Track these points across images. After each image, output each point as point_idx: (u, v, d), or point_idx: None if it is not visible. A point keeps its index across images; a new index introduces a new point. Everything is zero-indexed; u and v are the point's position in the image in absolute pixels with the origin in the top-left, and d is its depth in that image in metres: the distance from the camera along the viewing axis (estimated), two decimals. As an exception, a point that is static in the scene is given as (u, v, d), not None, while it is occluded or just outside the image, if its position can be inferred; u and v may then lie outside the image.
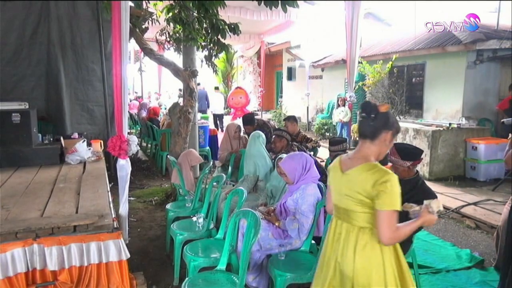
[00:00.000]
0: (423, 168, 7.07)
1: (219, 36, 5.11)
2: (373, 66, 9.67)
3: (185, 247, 3.10)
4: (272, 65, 18.58)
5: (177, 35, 5.71)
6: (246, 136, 5.64)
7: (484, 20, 9.13)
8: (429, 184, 3.25)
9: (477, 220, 4.92)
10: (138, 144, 3.64)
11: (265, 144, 4.57)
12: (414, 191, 2.93)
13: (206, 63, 5.89)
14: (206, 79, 16.34)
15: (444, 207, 5.40)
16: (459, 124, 7.27)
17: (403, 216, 1.95)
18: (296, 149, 4.53)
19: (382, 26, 14.50)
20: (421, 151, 3.08)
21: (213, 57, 5.81)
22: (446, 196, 5.87)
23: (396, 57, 9.33)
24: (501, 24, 8.27)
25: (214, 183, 3.94)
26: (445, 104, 8.58)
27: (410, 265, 3.23)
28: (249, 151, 4.43)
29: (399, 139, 7.78)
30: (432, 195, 2.92)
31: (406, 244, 3.02)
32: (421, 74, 9.38)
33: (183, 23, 4.95)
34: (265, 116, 14.91)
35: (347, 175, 1.95)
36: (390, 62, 9.44)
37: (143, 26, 6.37)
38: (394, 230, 1.80)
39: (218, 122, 13.22)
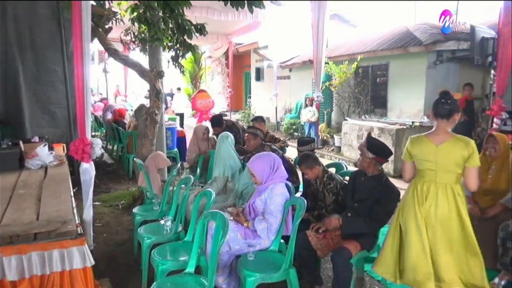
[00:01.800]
0: (388, 166, 7.28)
1: (186, 37, 5.05)
2: (339, 66, 9.88)
3: (153, 251, 3.05)
4: (241, 66, 18.59)
5: (143, 35, 5.60)
6: (215, 137, 5.62)
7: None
8: (393, 180, 3.36)
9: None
10: (103, 147, 3.55)
11: (234, 144, 4.57)
12: (378, 188, 3.03)
13: (173, 63, 5.81)
14: (174, 80, 16.20)
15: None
16: (421, 122, 7.55)
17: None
18: (268, 149, 4.54)
19: (347, 27, 14.84)
20: (390, 152, 3.15)
21: (180, 58, 5.74)
22: (410, 193, 6.06)
23: (361, 57, 9.58)
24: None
25: (182, 185, 3.90)
26: (408, 103, 8.87)
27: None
28: (218, 152, 4.42)
29: (364, 138, 7.98)
30: (394, 192, 3.03)
31: (371, 240, 3.11)
32: (385, 74, 9.66)
33: (148, 23, 4.87)
34: (234, 117, 14.93)
35: (442, 148, 2.57)
36: (356, 63, 9.67)
37: (107, 26, 6.21)
38: (478, 181, 2.54)
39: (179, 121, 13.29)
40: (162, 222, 3.53)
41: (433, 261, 2.59)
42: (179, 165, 5.33)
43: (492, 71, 6.06)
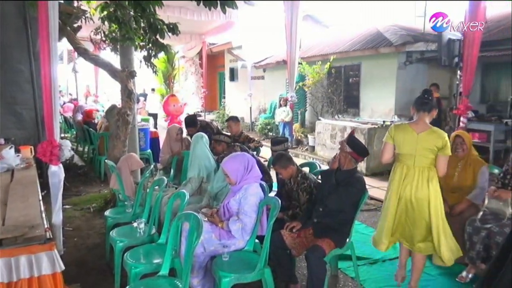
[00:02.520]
0: (360, 164, 7.40)
1: (158, 36, 4.99)
2: (312, 67, 10.00)
3: (125, 254, 3.00)
4: (214, 66, 18.52)
5: (113, 34, 5.49)
6: (189, 138, 5.58)
7: (412, 24, 9.82)
8: (366, 179, 3.44)
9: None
10: (73, 148, 3.46)
11: (208, 145, 4.55)
12: (348, 179, 3.11)
13: (145, 63, 5.73)
14: (147, 80, 16.00)
15: (379, 200, 5.72)
16: (392, 121, 7.73)
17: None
18: (239, 149, 4.55)
19: (320, 28, 15.02)
20: (366, 152, 3.25)
21: (152, 58, 5.67)
22: (381, 190, 6.20)
23: (334, 58, 9.73)
24: (427, 27, 8.89)
25: (156, 187, 3.85)
26: (379, 103, 9.08)
27: (349, 257, 3.40)
28: (193, 153, 4.39)
29: (337, 137, 8.11)
30: (362, 185, 3.13)
31: (342, 237, 3.17)
32: (357, 74, 9.85)
33: (119, 22, 4.78)
34: (208, 117, 14.86)
35: (421, 136, 3.00)
36: (328, 63, 9.82)
37: (75, 25, 6.05)
38: (445, 168, 3.01)
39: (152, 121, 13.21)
40: (135, 224, 3.47)
41: (408, 230, 3.13)
42: (152, 166, 5.26)
43: (459, 72, 6.27)
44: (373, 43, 9.09)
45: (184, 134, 5.97)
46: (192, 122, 5.81)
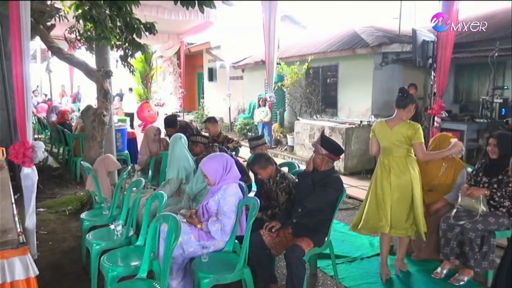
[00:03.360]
0: (338, 164, 7.51)
1: (135, 36, 4.93)
2: (290, 67, 10.06)
3: (102, 257, 2.94)
4: (193, 66, 18.41)
5: (88, 33, 5.38)
6: (167, 139, 5.53)
7: (387, 25, 10.01)
8: (344, 178, 3.49)
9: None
10: (47, 150, 3.38)
11: (187, 145, 4.53)
12: (325, 180, 3.15)
13: (122, 63, 5.65)
14: (124, 80, 15.77)
15: (357, 199, 5.81)
16: (369, 121, 7.86)
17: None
18: (218, 149, 4.54)
19: (298, 29, 15.12)
20: (341, 150, 3.32)
21: (129, 57, 5.59)
22: (359, 189, 6.31)
23: (312, 58, 9.82)
24: (402, 29, 9.10)
25: (133, 188, 3.80)
26: (357, 103, 9.21)
27: (328, 256, 3.44)
28: (172, 154, 4.35)
29: (316, 137, 8.18)
30: (339, 185, 3.19)
31: (321, 236, 3.20)
32: (334, 75, 9.96)
33: (94, 20, 4.69)
34: (187, 118, 14.76)
35: (394, 130, 3.35)
36: (306, 64, 9.90)
37: (49, 23, 5.90)
38: (425, 152, 3.33)
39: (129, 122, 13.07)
40: (112, 227, 3.42)
41: (391, 214, 3.40)
42: (130, 167, 5.19)
43: (433, 73, 6.41)
44: (350, 44, 9.23)
45: (163, 135, 5.91)
46: (171, 122, 5.75)
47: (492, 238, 3.34)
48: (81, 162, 4.98)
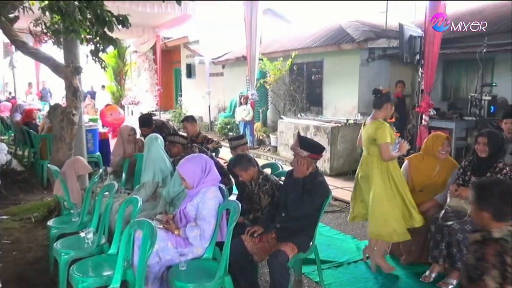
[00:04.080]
0: (324, 165, 7.57)
1: (106, 29, 4.85)
2: (273, 63, 10.09)
3: (71, 268, 2.89)
4: (170, 62, 18.29)
5: (56, 26, 5.27)
6: (143, 139, 5.47)
7: (374, 20, 10.14)
8: (330, 179, 3.52)
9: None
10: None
11: (164, 146, 4.49)
12: (311, 184, 3.16)
13: (92, 58, 5.55)
14: (95, 76, 15.56)
15: (344, 201, 5.86)
16: (356, 120, 7.94)
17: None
18: (197, 150, 4.51)
19: (281, 23, 15.18)
20: (323, 148, 3.34)
21: (100, 52, 5.50)
22: (345, 190, 6.36)
23: (296, 54, 9.86)
24: (389, 24, 9.23)
25: (105, 193, 3.75)
26: (343, 100, 9.30)
27: (313, 261, 3.47)
28: (147, 156, 4.30)
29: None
30: (325, 189, 3.21)
31: (306, 241, 3.22)
32: (319, 71, 10.04)
33: (61, 12, 4.59)
34: (164, 116, 14.63)
35: (365, 129, 3.67)
36: (290, 59, 9.94)
37: (12, 15, 5.76)
38: (387, 153, 3.48)
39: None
40: (82, 234, 3.37)
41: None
42: (102, 170, 5.11)
43: (420, 69, 6.54)
44: (335, 39, 9.31)
45: (138, 135, 5.85)
46: (146, 121, 5.69)
47: (481, 240, 3.41)
48: (48, 165, 4.89)
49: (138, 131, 5.95)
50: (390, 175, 3.59)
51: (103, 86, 15.40)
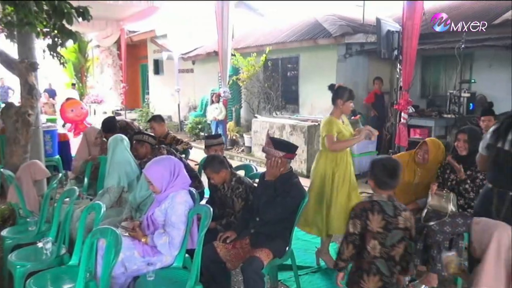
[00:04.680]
0: (301, 166, 7.64)
1: (65, 22, 4.75)
2: (247, 59, 10.09)
3: (28, 281, 2.82)
4: (136, 57, 18.08)
5: (8, 18, 5.13)
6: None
7: (351, 14, 10.30)
8: (307, 181, 3.55)
9: (353, 214, 5.52)
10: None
11: (129, 147, 4.43)
12: (286, 186, 3.18)
13: (50, 53, 5.43)
14: (54, 72, 15.23)
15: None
16: (333, 118, 8.02)
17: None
18: (165, 152, 4.47)
19: (255, 16, 15.20)
20: (296, 146, 3.40)
21: (59, 47, 5.38)
22: (324, 193, 6.43)
23: (270, 49, 9.90)
24: (366, 18, 9.40)
25: (65, 199, 3.67)
26: (320, 98, 9.37)
27: (289, 267, 3.49)
28: (112, 158, 4.23)
29: (276, 136, 8.27)
30: (299, 193, 3.23)
31: (281, 246, 3.23)
32: (295, 67, 10.12)
33: (15, 3, 4.47)
34: (130, 116, 14.45)
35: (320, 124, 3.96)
36: (264, 55, 9.97)
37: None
38: (332, 143, 3.78)
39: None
40: (40, 245, 3.29)
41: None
42: (61, 175, 5.01)
43: (398, 65, 6.67)
44: (312, 34, 9.40)
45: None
46: (111, 127, 5.54)
47: (460, 241, 3.51)
48: (1, 169, 4.75)
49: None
50: (335, 170, 3.84)
51: (73, 84, 15.08)
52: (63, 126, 11.62)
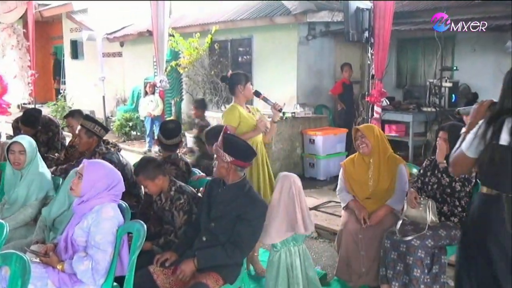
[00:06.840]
0: (257, 170, 7.66)
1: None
2: (188, 40, 10.04)
3: None
4: (48, 37, 17.67)
5: None
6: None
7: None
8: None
9: (319, 228, 5.62)
10: None
11: (49, 148, 4.33)
12: (240, 199, 3.20)
13: None
14: None
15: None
16: (294, 113, 8.13)
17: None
18: (100, 157, 4.39)
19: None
20: (253, 154, 3.36)
21: None
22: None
23: (217, 29, 9.90)
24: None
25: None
26: (278, 88, 9.46)
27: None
28: (31, 166, 4.11)
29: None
30: (260, 205, 3.24)
31: (233, 269, 3.25)
32: (248, 51, 10.18)
33: None
34: (42, 111, 14.02)
35: None
36: (210, 36, 9.95)
37: None
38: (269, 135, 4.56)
39: None
40: None
41: None
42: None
43: (370, 49, 6.81)
44: (267, 11, 9.47)
45: (4, 138, 5.56)
46: (33, 120, 5.40)
47: (443, 256, 3.67)
48: None
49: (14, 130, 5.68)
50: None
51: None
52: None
